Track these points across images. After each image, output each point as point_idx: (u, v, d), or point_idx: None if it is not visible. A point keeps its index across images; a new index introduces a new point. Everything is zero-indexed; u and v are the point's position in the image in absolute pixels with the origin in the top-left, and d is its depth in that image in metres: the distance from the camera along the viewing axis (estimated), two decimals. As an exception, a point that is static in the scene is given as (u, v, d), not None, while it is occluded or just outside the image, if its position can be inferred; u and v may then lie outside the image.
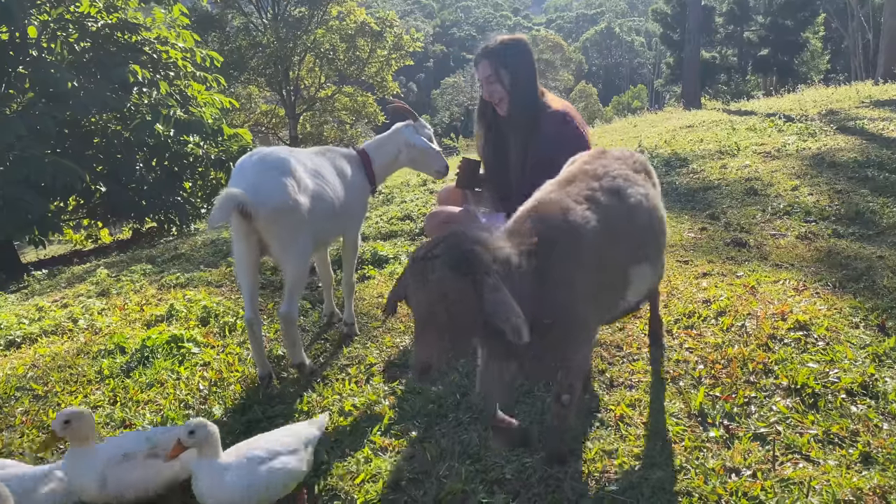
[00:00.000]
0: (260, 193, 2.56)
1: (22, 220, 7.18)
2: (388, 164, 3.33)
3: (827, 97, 11.19)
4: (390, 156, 3.31)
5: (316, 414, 2.51)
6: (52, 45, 8.17)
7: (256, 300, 2.80)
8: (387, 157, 3.30)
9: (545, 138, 2.97)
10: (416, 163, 3.38)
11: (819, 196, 4.74)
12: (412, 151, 3.31)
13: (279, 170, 2.70)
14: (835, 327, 2.69)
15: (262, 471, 1.87)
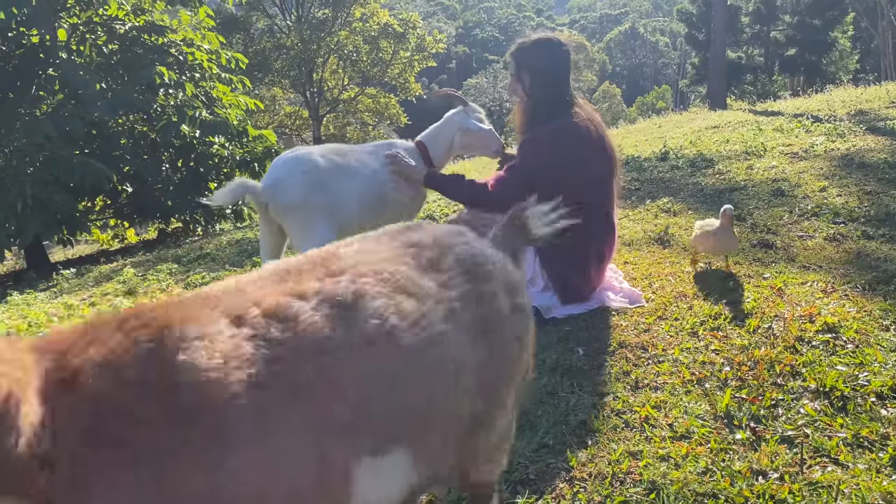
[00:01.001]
0: (276, 189, 2.97)
1: (51, 219, 7.32)
2: (445, 151, 3.43)
3: (856, 97, 11.01)
4: (446, 143, 3.41)
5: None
6: (80, 47, 8.32)
7: None
8: (443, 145, 3.41)
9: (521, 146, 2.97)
10: (471, 146, 3.46)
11: (848, 197, 4.66)
12: (466, 136, 3.39)
13: (300, 168, 3.02)
14: (864, 330, 2.64)
15: None
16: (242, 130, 8.68)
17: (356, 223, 3.20)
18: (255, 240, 6.33)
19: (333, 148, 3.32)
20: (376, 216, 3.25)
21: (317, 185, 3.03)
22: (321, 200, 3.02)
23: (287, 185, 3.01)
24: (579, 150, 3.01)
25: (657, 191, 5.64)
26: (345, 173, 3.14)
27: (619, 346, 2.78)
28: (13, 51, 7.93)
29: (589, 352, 2.78)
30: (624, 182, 6.06)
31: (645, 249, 4.06)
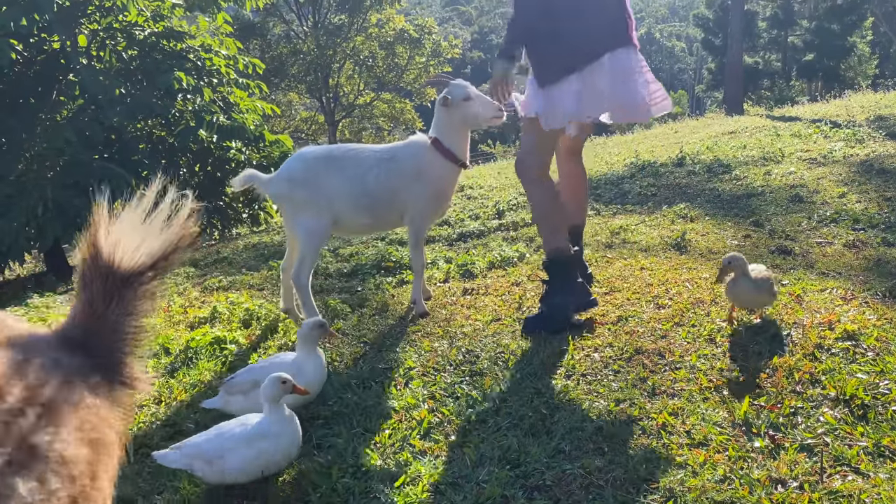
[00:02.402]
0: (270, 181, 3.36)
1: (70, 223, 7.37)
2: (454, 135, 3.43)
3: (875, 103, 10.90)
4: (450, 127, 3.43)
5: (354, 415, 2.52)
6: (100, 53, 8.39)
7: (291, 255, 3.55)
8: (448, 131, 3.44)
9: None
10: (475, 115, 3.41)
11: (867, 204, 4.62)
12: (461, 109, 3.39)
13: (292, 164, 3.38)
14: (885, 338, 2.61)
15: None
16: (259, 135, 8.71)
17: (352, 220, 3.45)
18: (271, 244, 6.37)
19: (338, 147, 3.51)
20: (371, 215, 3.45)
21: (302, 180, 3.32)
22: (305, 194, 3.32)
23: (277, 179, 3.36)
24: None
25: (674, 196, 5.62)
26: (332, 171, 3.35)
27: (635, 352, 2.77)
28: (34, 57, 8.02)
29: (605, 357, 2.77)
30: (640, 187, 6.05)
31: (661, 255, 4.05)
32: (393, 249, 4.89)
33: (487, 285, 3.88)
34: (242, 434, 2.07)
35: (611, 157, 8.73)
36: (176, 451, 2.10)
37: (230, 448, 2.04)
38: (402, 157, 3.45)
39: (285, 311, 3.67)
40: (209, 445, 2.06)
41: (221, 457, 2.03)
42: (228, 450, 2.04)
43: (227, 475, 2.04)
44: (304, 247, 3.38)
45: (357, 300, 3.95)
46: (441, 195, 3.52)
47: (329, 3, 25.86)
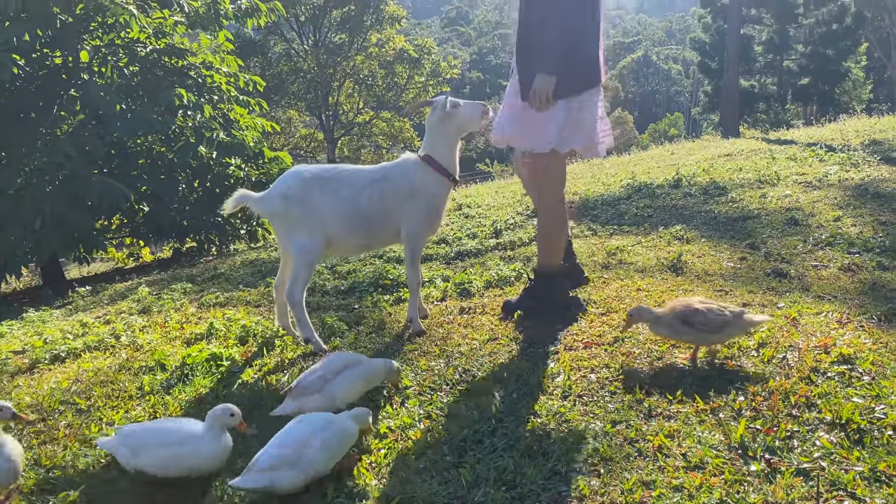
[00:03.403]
0: (263, 200, 3.39)
1: (68, 237, 7.39)
2: (446, 149, 3.50)
3: (870, 127, 11.00)
4: (441, 142, 3.49)
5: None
6: (102, 69, 8.44)
7: (284, 273, 3.54)
8: (441, 145, 3.49)
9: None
10: (462, 125, 3.51)
11: (863, 227, 4.65)
12: (449, 120, 3.47)
13: (285, 182, 3.38)
14: (880, 362, 2.62)
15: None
16: (258, 152, 8.77)
17: (346, 240, 3.48)
18: (268, 260, 6.37)
19: (332, 167, 3.53)
20: (365, 235, 3.50)
21: (297, 198, 3.35)
22: (299, 211, 3.34)
23: (271, 197, 3.38)
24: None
25: (670, 218, 5.65)
26: (326, 190, 3.38)
27: (631, 374, 2.77)
28: (36, 71, 8.07)
29: (601, 378, 2.77)
30: (637, 208, 6.08)
31: (658, 276, 4.06)
32: (390, 267, 4.90)
33: (484, 304, 3.89)
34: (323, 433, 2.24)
35: (607, 177, 8.77)
36: (252, 473, 2.15)
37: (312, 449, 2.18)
38: (395, 175, 3.48)
39: (282, 327, 3.68)
40: (289, 450, 2.17)
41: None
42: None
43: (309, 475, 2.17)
44: (298, 264, 3.40)
45: (354, 318, 3.95)
46: (435, 211, 3.55)
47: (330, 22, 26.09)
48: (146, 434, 2.35)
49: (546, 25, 3.10)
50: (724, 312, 2.68)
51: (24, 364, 3.88)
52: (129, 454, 2.32)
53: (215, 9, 8.80)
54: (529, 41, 3.17)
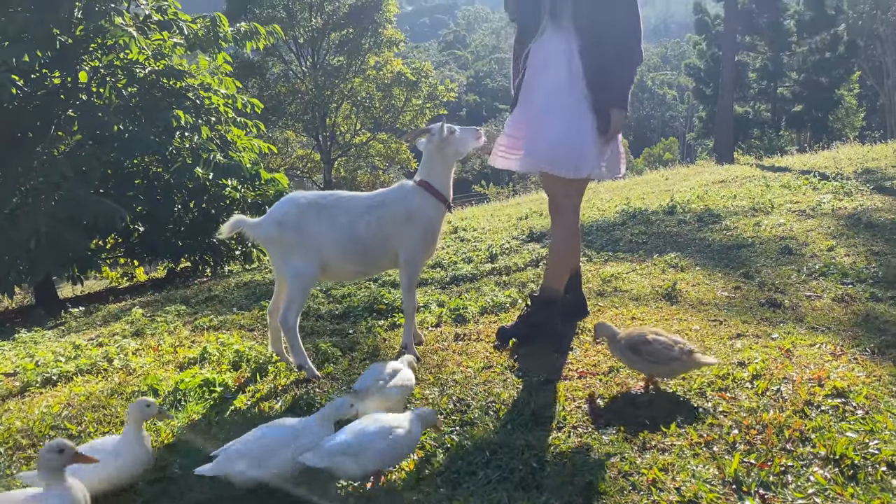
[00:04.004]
0: (259, 225, 3.40)
1: (63, 257, 7.36)
2: (442, 175, 3.56)
3: (863, 155, 11.10)
4: (438, 167, 3.55)
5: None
6: (100, 89, 8.48)
7: (278, 298, 3.54)
8: (437, 170, 3.55)
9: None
10: (460, 150, 3.59)
11: (856, 257, 4.67)
12: (446, 146, 3.53)
13: (282, 208, 3.40)
14: (874, 396, 2.63)
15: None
16: (255, 174, 8.77)
17: (342, 267, 3.50)
18: (262, 282, 6.36)
19: (329, 193, 3.55)
20: (362, 262, 3.52)
21: (293, 224, 3.36)
22: (295, 237, 3.35)
23: (267, 222, 3.39)
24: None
25: (665, 245, 5.67)
26: (322, 216, 3.39)
27: (627, 404, 2.77)
28: (35, 92, 8.10)
29: (596, 409, 2.76)
30: (631, 234, 6.10)
31: (652, 305, 4.07)
32: (385, 291, 4.90)
33: (479, 331, 3.89)
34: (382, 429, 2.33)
35: (602, 203, 8.81)
36: (316, 452, 2.26)
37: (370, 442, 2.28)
38: (392, 201, 3.51)
39: (276, 353, 3.67)
40: (355, 441, 2.27)
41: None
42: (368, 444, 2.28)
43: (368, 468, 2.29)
44: (293, 290, 3.40)
45: (348, 343, 3.94)
46: (432, 236, 3.58)
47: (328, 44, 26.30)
48: (265, 442, 2.33)
49: (619, 60, 3.32)
50: (673, 348, 2.72)
51: (14, 387, 3.85)
52: (249, 466, 2.28)
53: (214, 31, 8.86)
54: (607, 77, 3.31)
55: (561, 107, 3.34)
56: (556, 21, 3.36)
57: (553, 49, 3.37)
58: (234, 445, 2.34)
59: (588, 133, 3.34)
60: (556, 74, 3.36)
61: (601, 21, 3.28)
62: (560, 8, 3.33)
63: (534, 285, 4.78)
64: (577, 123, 3.33)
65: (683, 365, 2.72)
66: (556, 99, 3.35)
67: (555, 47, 3.37)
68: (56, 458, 2.01)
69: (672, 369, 2.75)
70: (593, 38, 3.30)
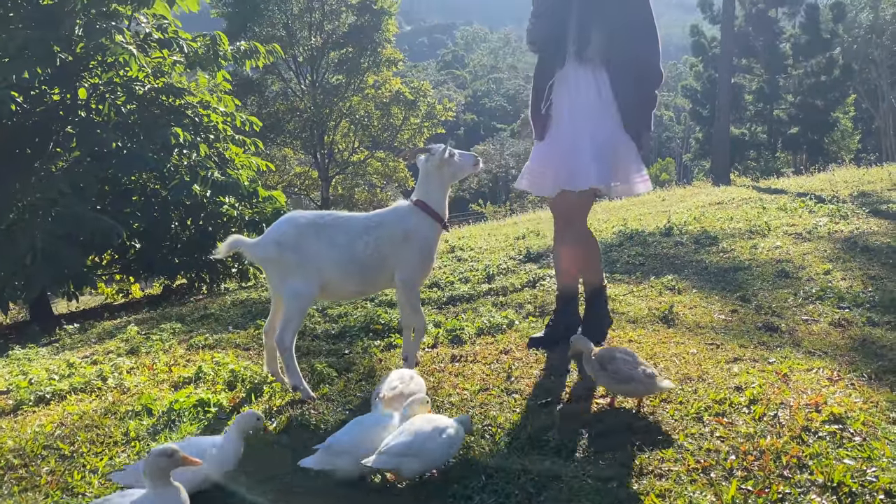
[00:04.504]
0: (257, 245, 3.39)
1: (59, 273, 7.33)
2: (438, 195, 3.62)
3: (858, 178, 11.16)
4: (435, 188, 3.61)
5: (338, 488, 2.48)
6: (99, 106, 8.50)
7: (275, 318, 3.53)
8: (433, 191, 3.60)
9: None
10: (457, 173, 3.71)
11: (852, 281, 4.68)
12: (443, 169, 3.60)
13: (280, 229, 3.40)
14: (871, 422, 2.62)
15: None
16: (253, 191, 8.77)
17: (341, 286, 3.52)
18: (259, 300, 6.35)
19: (327, 213, 3.55)
20: (361, 281, 3.53)
21: (292, 245, 3.36)
22: (294, 258, 3.35)
23: (265, 243, 3.39)
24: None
25: (661, 267, 5.68)
26: (321, 237, 3.41)
27: (624, 429, 2.76)
28: (34, 108, 8.11)
29: (593, 433, 2.75)
30: (628, 256, 6.11)
31: (649, 328, 4.06)
32: (382, 311, 4.89)
33: (476, 352, 3.87)
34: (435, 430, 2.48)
35: (599, 223, 8.83)
36: (382, 455, 2.38)
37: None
38: (390, 222, 3.54)
39: (271, 373, 3.65)
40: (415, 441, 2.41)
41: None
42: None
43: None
44: (290, 310, 3.39)
45: (344, 364, 3.92)
46: (428, 255, 3.61)
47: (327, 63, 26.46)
48: (366, 432, 2.51)
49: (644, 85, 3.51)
50: (635, 368, 2.78)
51: (7, 405, 3.83)
52: (355, 459, 2.41)
53: (214, 50, 8.89)
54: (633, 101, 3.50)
55: (596, 129, 3.50)
56: (582, 52, 3.50)
57: (581, 79, 3.54)
58: (338, 438, 2.51)
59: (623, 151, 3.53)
60: (586, 101, 3.53)
61: (627, 51, 3.46)
62: (586, 40, 3.48)
63: (531, 306, 4.78)
64: (613, 141, 3.51)
65: (643, 386, 2.79)
66: (590, 122, 3.51)
67: (583, 78, 3.54)
68: (165, 462, 2.10)
69: (631, 389, 2.81)
70: (620, 66, 3.48)
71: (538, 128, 3.72)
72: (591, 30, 3.47)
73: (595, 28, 3.47)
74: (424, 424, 2.48)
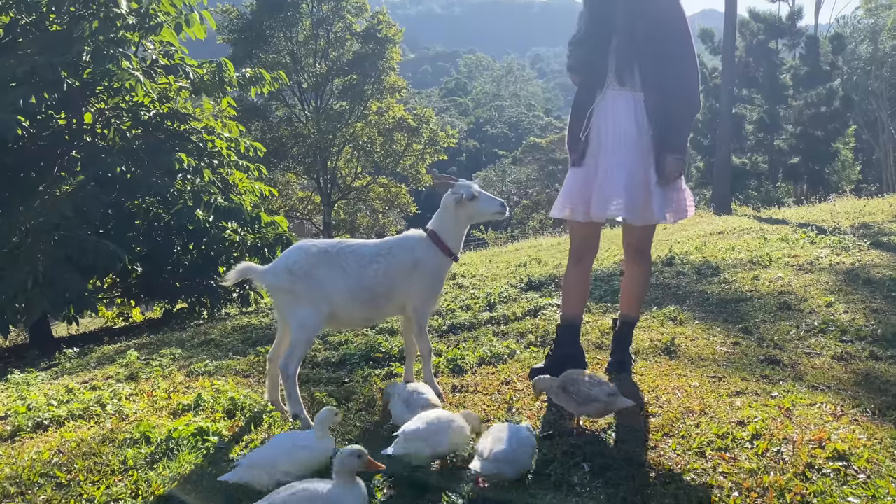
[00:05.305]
0: (267, 273, 3.40)
1: (60, 297, 7.33)
2: (454, 230, 3.65)
3: (859, 209, 11.18)
4: (451, 223, 3.63)
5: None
6: (105, 131, 8.57)
7: (280, 345, 3.57)
8: (449, 226, 3.63)
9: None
10: (475, 216, 3.70)
11: (855, 314, 4.67)
12: (465, 208, 3.61)
13: (292, 257, 3.40)
14: (876, 459, 2.59)
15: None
16: (256, 216, 8.81)
17: (350, 314, 3.52)
18: (259, 326, 6.33)
19: (337, 242, 3.58)
20: (370, 309, 3.55)
21: (303, 273, 3.36)
22: (305, 287, 3.35)
23: (276, 271, 3.39)
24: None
25: (663, 297, 5.67)
26: (332, 265, 3.42)
27: (625, 463, 2.73)
28: (40, 132, 8.17)
29: (594, 467, 2.72)
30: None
31: (651, 359, 4.05)
32: (382, 339, 4.87)
33: (477, 382, 3.85)
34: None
35: (601, 252, 8.82)
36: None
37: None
38: (399, 250, 3.56)
39: (271, 402, 3.63)
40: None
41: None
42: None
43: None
44: (297, 338, 3.39)
45: (344, 393, 3.90)
46: (437, 286, 3.66)
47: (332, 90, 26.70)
48: (438, 425, 2.72)
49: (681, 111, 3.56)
50: (594, 388, 2.90)
51: (5, 431, 3.80)
52: (426, 446, 2.66)
53: (220, 76, 8.98)
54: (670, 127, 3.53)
55: (629, 159, 3.52)
56: (622, 79, 3.53)
57: (620, 106, 3.55)
58: (411, 427, 2.71)
59: (653, 182, 3.53)
60: (624, 129, 3.54)
61: (668, 78, 3.49)
62: (626, 67, 3.51)
63: (532, 336, 4.76)
64: (642, 175, 3.51)
65: (604, 406, 2.89)
66: (624, 153, 3.52)
67: (623, 104, 3.55)
68: (355, 462, 2.32)
69: (593, 409, 2.90)
70: (659, 93, 3.49)
71: (576, 154, 3.70)
72: (633, 61, 3.50)
73: (637, 59, 3.49)
74: (508, 429, 2.65)
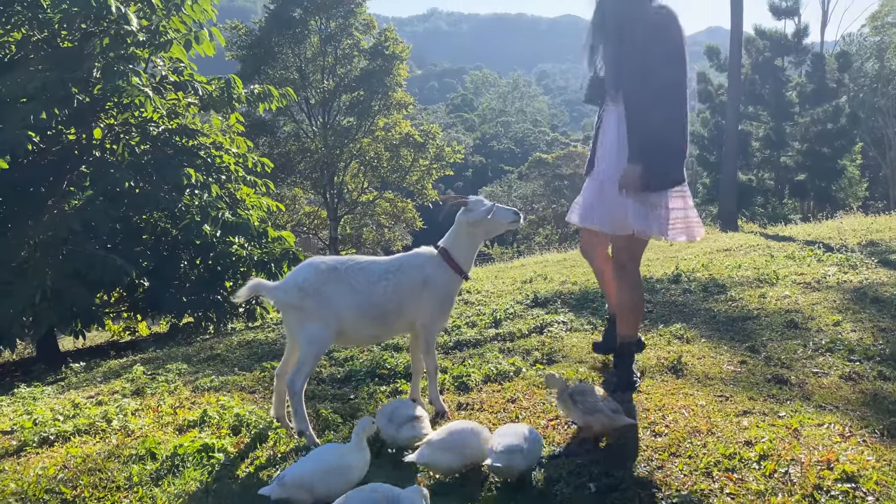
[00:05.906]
0: (277, 290, 3.42)
1: (67, 311, 7.36)
2: (466, 248, 3.66)
3: (867, 226, 11.14)
4: (464, 241, 3.65)
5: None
6: (114, 146, 8.64)
7: (288, 361, 3.57)
8: (462, 244, 3.65)
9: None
10: (490, 231, 3.74)
11: (862, 333, 4.64)
12: (477, 226, 3.64)
13: (302, 274, 3.41)
14: (885, 481, 2.57)
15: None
16: (263, 231, 8.84)
17: (360, 331, 3.54)
18: (265, 341, 6.34)
19: (347, 258, 3.59)
20: (380, 326, 3.56)
21: (314, 290, 3.37)
22: (315, 304, 3.36)
23: (287, 287, 3.41)
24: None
25: (670, 315, 5.65)
26: (342, 282, 3.44)
27: (632, 483, 2.72)
28: (50, 148, 8.25)
29: (601, 488, 2.71)
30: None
31: (658, 378, 4.03)
32: (388, 356, 4.87)
33: (482, 400, 3.85)
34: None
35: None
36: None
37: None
38: (409, 268, 3.57)
39: (276, 418, 3.63)
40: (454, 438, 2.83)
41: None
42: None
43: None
44: (306, 355, 3.41)
45: (349, 409, 3.90)
46: (447, 304, 3.66)
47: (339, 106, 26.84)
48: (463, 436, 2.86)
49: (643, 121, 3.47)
50: (598, 403, 3.00)
51: (11, 446, 3.81)
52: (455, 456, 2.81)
53: (229, 92, 9.05)
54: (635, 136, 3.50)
55: (609, 170, 3.60)
56: (612, 91, 3.64)
57: (610, 117, 3.67)
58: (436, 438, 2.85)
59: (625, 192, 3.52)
60: (609, 139, 3.65)
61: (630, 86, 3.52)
62: (612, 84, 3.62)
63: (538, 353, 4.75)
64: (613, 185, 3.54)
65: (607, 419, 2.97)
66: (605, 164, 3.65)
67: (613, 116, 3.65)
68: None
69: (595, 420, 2.98)
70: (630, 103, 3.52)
71: (588, 163, 3.87)
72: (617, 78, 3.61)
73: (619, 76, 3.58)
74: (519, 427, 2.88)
